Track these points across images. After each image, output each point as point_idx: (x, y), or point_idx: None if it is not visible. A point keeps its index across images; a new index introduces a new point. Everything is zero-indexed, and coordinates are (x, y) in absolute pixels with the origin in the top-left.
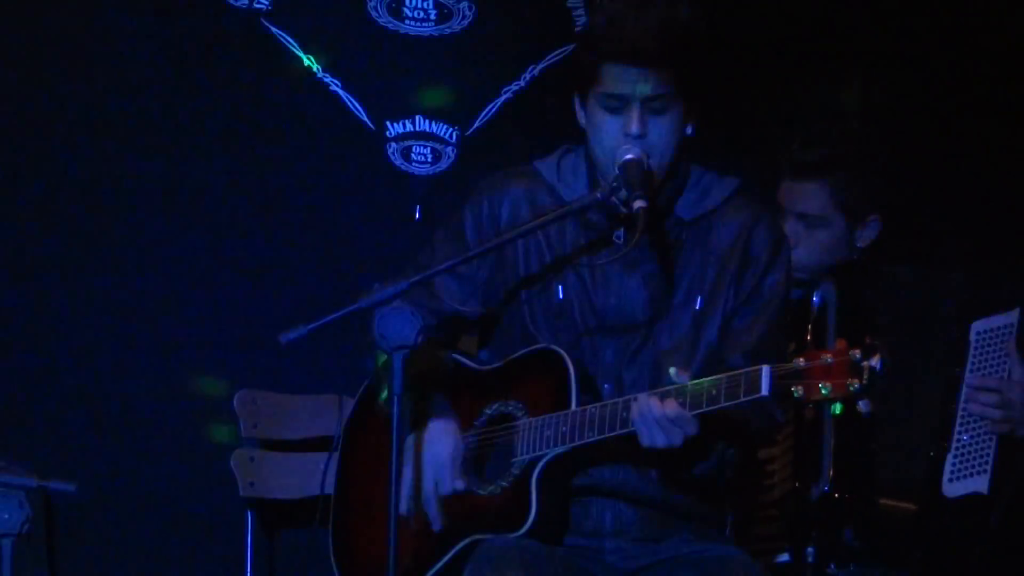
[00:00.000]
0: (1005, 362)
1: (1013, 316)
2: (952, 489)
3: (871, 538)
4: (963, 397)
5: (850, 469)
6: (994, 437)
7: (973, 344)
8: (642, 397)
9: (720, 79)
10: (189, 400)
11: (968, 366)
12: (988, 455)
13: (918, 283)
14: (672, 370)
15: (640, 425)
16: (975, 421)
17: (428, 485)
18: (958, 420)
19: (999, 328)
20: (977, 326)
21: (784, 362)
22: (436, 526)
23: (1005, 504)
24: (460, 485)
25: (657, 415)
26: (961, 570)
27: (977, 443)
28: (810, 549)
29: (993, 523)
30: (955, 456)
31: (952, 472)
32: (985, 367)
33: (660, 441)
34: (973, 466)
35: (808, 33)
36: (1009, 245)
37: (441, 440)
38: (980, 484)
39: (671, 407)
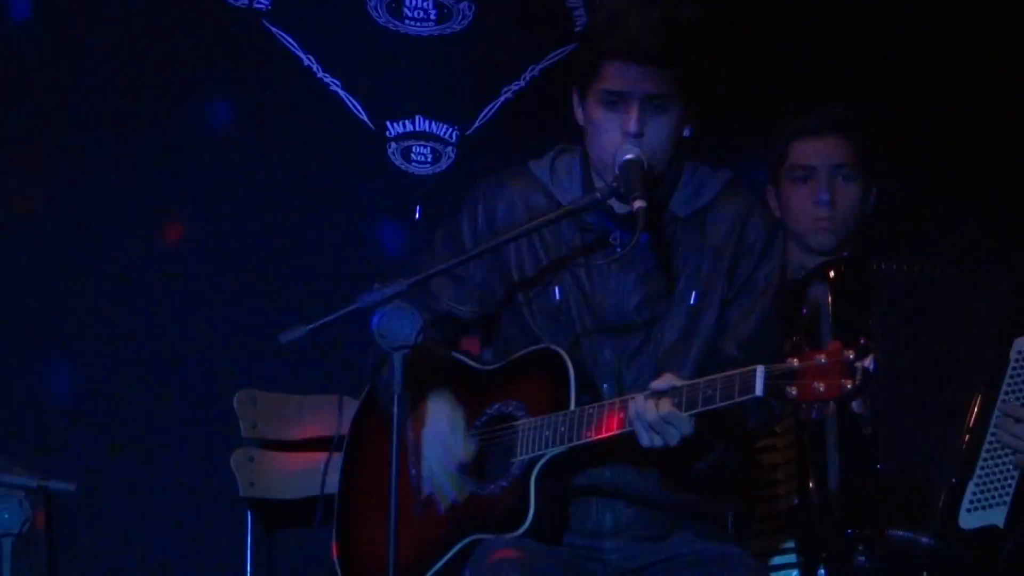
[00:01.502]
0: None
1: None
2: (969, 520)
3: (884, 560)
4: (994, 422)
5: (858, 489)
6: (1019, 471)
7: (1013, 363)
8: (638, 398)
9: (720, 81)
10: (189, 400)
11: (1003, 387)
12: (1010, 487)
13: (951, 282)
14: (652, 384)
15: (637, 426)
16: (1003, 450)
17: (435, 462)
18: (986, 446)
19: None
20: (1020, 343)
21: (780, 351)
22: (450, 499)
23: (1018, 539)
24: (471, 447)
25: (651, 417)
26: None
27: (1001, 473)
28: (821, 572)
29: (1005, 558)
30: (977, 484)
31: (972, 501)
32: (1022, 389)
33: (657, 442)
34: (993, 497)
35: (806, 38)
36: None
37: (439, 417)
38: (997, 517)
39: (665, 407)
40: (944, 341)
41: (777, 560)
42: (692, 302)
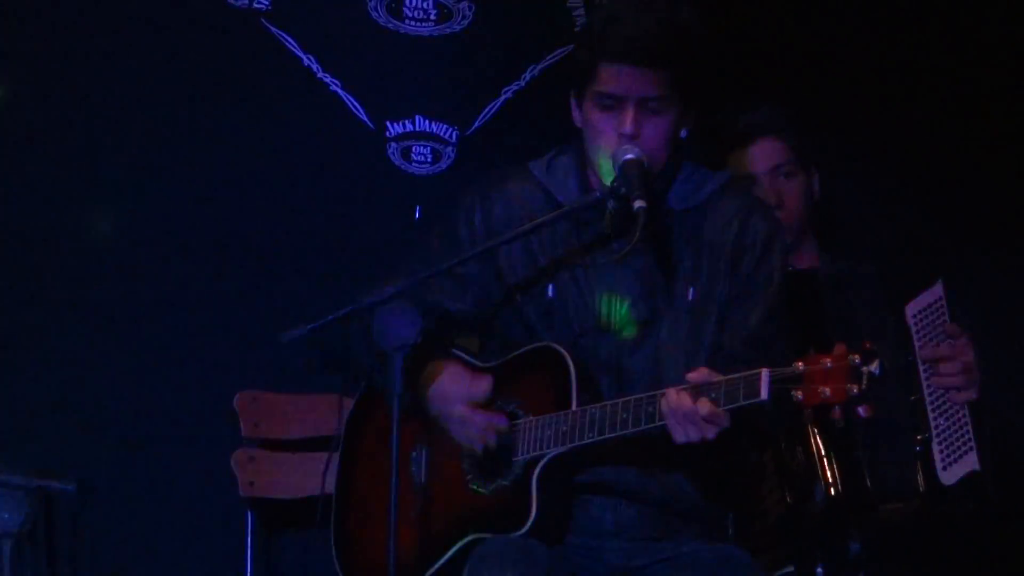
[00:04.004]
0: (945, 336)
1: (939, 289)
2: (948, 476)
3: (876, 545)
4: (924, 378)
5: (842, 478)
6: (965, 410)
7: (913, 327)
8: (669, 393)
9: (716, 83)
10: (189, 400)
11: (916, 349)
12: (967, 430)
13: (832, 276)
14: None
15: (672, 422)
16: (942, 399)
17: (458, 416)
18: (929, 406)
19: (932, 304)
20: (911, 308)
21: (785, 347)
22: (493, 438)
23: (996, 472)
24: (484, 384)
25: (687, 410)
26: (971, 553)
27: (954, 422)
28: (819, 570)
29: (993, 495)
30: (939, 443)
31: (943, 459)
32: (931, 345)
33: (693, 436)
34: (959, 446)
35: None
36: (909, 223)
37: (444, 384)
38: (972, 462)
39: (704, 405)
40: (843, 331)
41: (779, 574)
42: (690, 298)
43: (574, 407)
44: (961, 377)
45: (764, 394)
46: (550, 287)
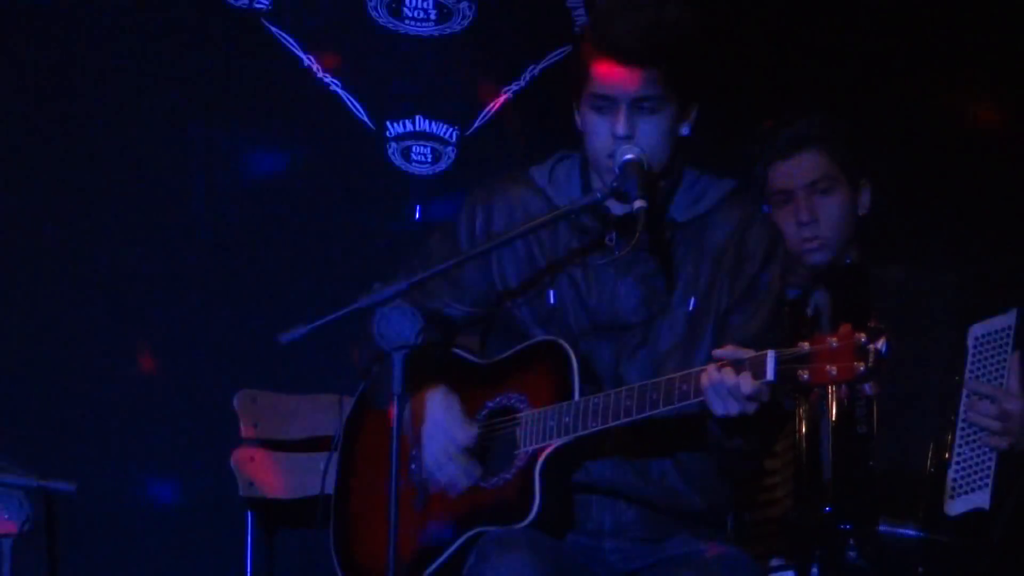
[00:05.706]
0: (1004, 369)
1: (1011, 317)
2: (954, 507)
3: (874, 556)
4: (963, 405)
5: (851, 486)
6: (995, 451)
7: (971, 350)
8: (710, 368)
9: (716, 80)
10: (189, 400)
11: (967, 373)
12: (989, 468)
13: (910, 284)
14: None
15: (712, 395)
16: (975, 432)
17: (439, 453)
18: (959, 432)
19: (998, 331)
20: (975, 330)
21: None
22: (460, 487)
23: (1006, 518)
24: (472, 430)
25: (730, 385)
26: None
27: (978, 456)
28: (814, 570)
29: (994, 538)
30: (956, 471)
31: (954, 488)
32: (984, 374)
33: (733, 409)
34: (974, 480)
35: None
36: (1001, 244)
37: (435, 409)
38: (982, 499)
39: (746, 377)
40: (911, 339)
41: (775, 562)
42: (690, 308)
43: (576, 398)
44: (995, 422)
45: (771, 374)
46: (551, 292)
